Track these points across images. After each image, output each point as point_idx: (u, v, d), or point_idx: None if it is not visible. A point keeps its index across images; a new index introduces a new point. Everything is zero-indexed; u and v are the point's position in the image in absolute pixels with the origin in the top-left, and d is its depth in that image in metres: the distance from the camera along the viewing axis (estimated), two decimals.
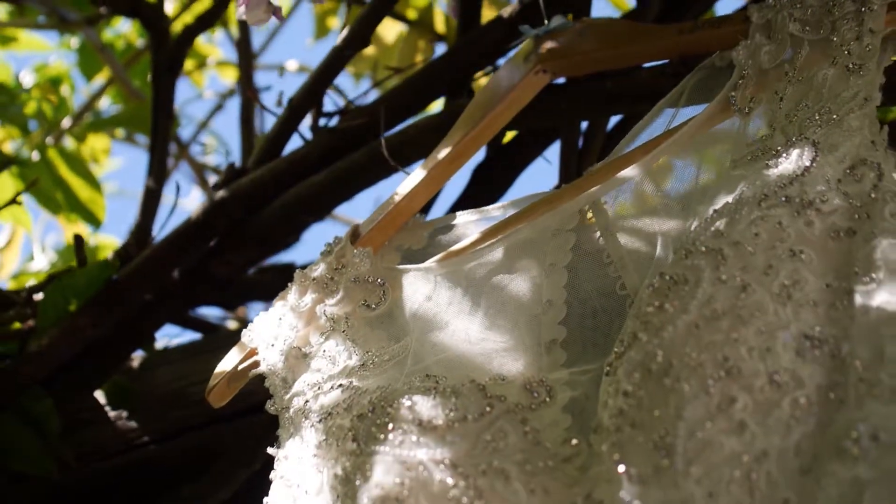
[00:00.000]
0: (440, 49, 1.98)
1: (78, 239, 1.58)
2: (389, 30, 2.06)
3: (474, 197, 1.57)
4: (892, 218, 0.86)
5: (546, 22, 1.24)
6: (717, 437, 0.79)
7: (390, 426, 0.90)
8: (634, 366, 0.84)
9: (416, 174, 1.21)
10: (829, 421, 0.79)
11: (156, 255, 1.55)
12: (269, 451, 1.06)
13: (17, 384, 1.52)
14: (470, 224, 1.19)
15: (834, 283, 0.85)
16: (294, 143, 1.58)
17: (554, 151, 1.57)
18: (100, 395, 1.71)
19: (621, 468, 0.81)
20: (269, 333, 1.15)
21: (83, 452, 1.65)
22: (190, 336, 1.94)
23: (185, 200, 3.03)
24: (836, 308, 0.84)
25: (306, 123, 1.56)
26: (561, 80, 1.28)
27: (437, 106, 1.68)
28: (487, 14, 1.63)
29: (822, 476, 0.76)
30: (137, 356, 1.81)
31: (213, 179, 2.23)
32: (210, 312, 2.09)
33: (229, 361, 1.18)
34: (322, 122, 1.54)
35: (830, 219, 0.88)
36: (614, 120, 1.57)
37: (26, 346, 1.53)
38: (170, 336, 1.99)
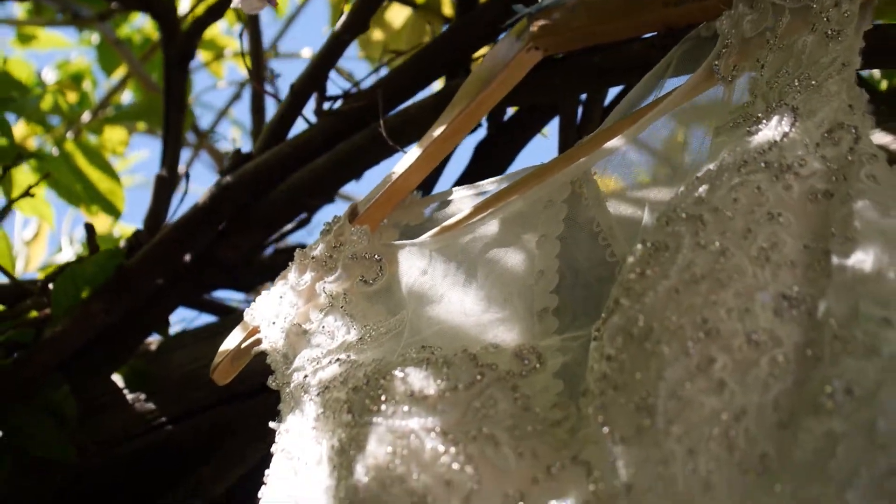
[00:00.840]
0: None
1: (89, 227, 1.60)
2: (398, 14, 2.07)
3: (476, 174, 1.59)
4: (867, 179, 0.87)
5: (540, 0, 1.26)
6: (697, 396, 0.80)
7: (383, 397, 0.92)
8: (617, 330, 0.85)
9: (413, 152, 1.23)
10: (805, 377, 0.80)
11: (164, 242, 1.58)
12: (272, 425, 1.08)
13: (35, 372, 1.55)
14: (466, 199, 1.21)
15: (812, 245, 0.86)
16: (299, 129, 1.60)
17: (554, 127, 1.59)
18: (118, 379, 1.74)
19: (605, 430, 0.83)
20: (271, 312, 1.17)
21: (103, 436, 1.68)
22: (207, 319, 1.97)
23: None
24: (814, 268, 0.85)
25: (311, 108, 1.59)
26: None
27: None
28: None
29: (798, 430, 0.77)
30: (154, 340, 1.84)
31: None
32: (231, 296, 2.12)
33: (233, 340, 1.21)
34: (326, 106, 1.56)
35: (808, 182, 0.89)
36: (613, 93, 1.58)
37: (41, 334, 1.56)
38: (187, 320, 2.01)
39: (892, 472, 0.71)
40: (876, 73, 1.82)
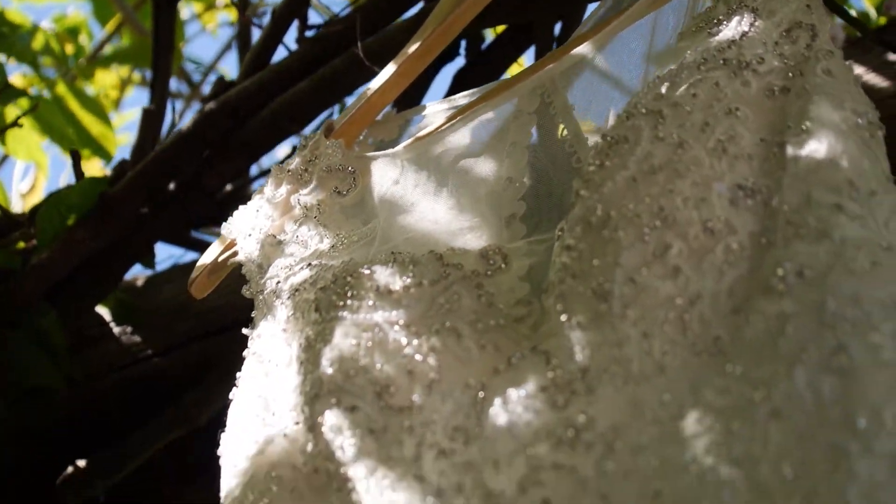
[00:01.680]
0: None
1: (74, 154, 1.61)
2: None
3: None
4: (823, 74, 0.89)
5: None
6: (653, 281, 0.82)
7: (349, 293, 0.94)
8: (576, 221, 0.87)
9: (388, 69, 1.24)
10: (759, 264, 0.82)
11: (147, 169, 1.59)
12: (244, 331, 1.10)
13: (22, 299, 1.56)
14: (439, 113, 1.22)
15: (768, 138, 0.88)
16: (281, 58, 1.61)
17: (531, 56, 1.60)
18: (105, 313, 1.76)
19: (564, 317, 0.84)
20: (247, 225, 1.19)
21: (90, 368, 1.70)
22: (194, 256, 1.98)
23: None
24: (770, 161, 0.87)
25: (294, 39, 1.60)
26: None
27: None
28: None
29: (750, 313, 0.79)
30: (141, 276, 1.86)
31: None
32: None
33: (210, 254, 1.23)
34: (309, 35, 1.57)
35: (766, 79, 0.91)
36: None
37: (28, 262, 1.58)
38: (175, 256, 2.02)
39: (839, 349, 0.73)
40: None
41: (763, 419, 0.73)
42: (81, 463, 1.66)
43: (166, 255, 3.53)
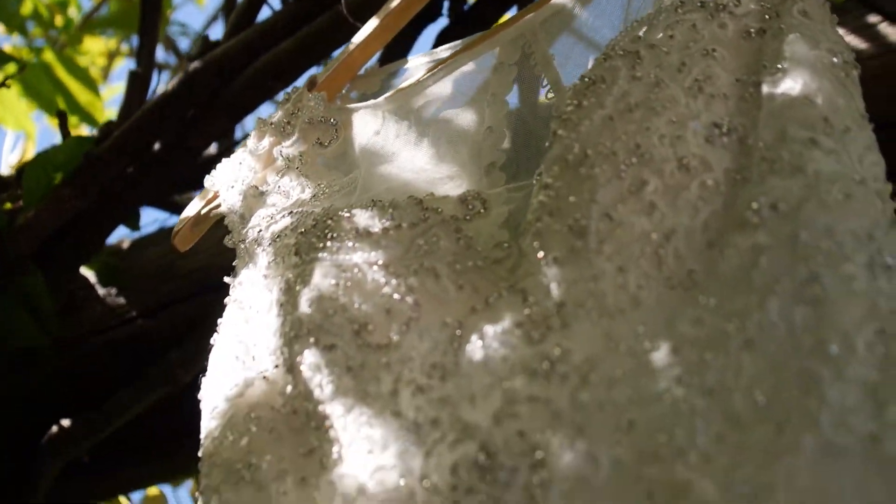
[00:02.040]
0: None
1: (61, 115, 1.61)
2: None
3: None
4: (799, 15, 0.90)
5: None
6: (629, 217, 0.83)
7: (329, 236, 0.94)
8: (554, 160, 0.88)
9: (370, 24, 1.25)
10: (734, 200, 0.82)
11: (133, 128, 1.59)
12: (226, 279, 1.10)
13: (8, 260, 1.56)
14: (421, 66, 1.22)
15: (744, 78, 0.89)
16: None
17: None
18: (90, 275, 1.76)
19: (540, 254, 0.85)
20: (230, 177, 1.19)
21: (76, 329, 1.71)
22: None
23: None
24: (746, 100, 0.88)
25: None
26: None
27: None
28: None
29: (724, 247, 0.80)
30: (127, 239, 1.86)
31: None
32: None
33: (193, 207, 1.23)
34: None
35: (743, 21, 0.92)
36: None
37: (14, 222, 1.58)
38: (160, 220, 2.02)
39: (812, 279, 0.74)
40: None
41: (736, 350, 0.74)
42: (66, 423, 1.67)
43: (151, 218, 3.56)
